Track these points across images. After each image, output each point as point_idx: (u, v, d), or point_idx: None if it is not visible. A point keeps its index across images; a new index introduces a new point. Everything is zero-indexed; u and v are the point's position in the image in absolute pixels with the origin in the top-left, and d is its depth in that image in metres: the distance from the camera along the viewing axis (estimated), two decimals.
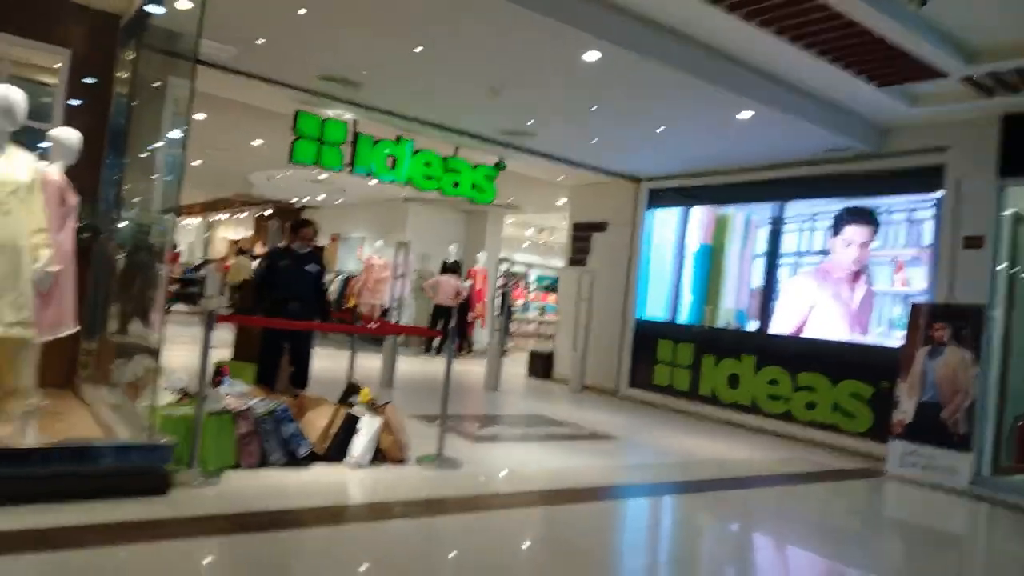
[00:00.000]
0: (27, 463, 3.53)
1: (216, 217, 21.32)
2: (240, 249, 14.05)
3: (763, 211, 8.85)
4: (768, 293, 8.67)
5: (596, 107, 7.12)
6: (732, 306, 9.15)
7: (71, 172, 4.29)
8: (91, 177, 5.33)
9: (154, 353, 4.76)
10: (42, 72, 5.80)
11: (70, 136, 4.31)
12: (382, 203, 14.99)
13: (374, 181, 8.46)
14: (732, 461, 6.66)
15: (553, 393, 9.92)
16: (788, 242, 8.56)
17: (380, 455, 4.83)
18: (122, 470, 3.73)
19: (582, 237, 11.12)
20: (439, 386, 5.24)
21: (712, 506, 5.19)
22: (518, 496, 4.80)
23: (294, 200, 17.19)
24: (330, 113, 7.73)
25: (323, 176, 11.92)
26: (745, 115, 6.82)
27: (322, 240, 6.80)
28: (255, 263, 10.09)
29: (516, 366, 11.70)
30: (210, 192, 18.27)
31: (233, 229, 21.18)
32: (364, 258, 13.73)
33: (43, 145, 4.35)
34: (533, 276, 20.78)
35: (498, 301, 12.90)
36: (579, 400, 9.45)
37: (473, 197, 8.68)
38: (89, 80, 5.66)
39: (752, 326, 8.81)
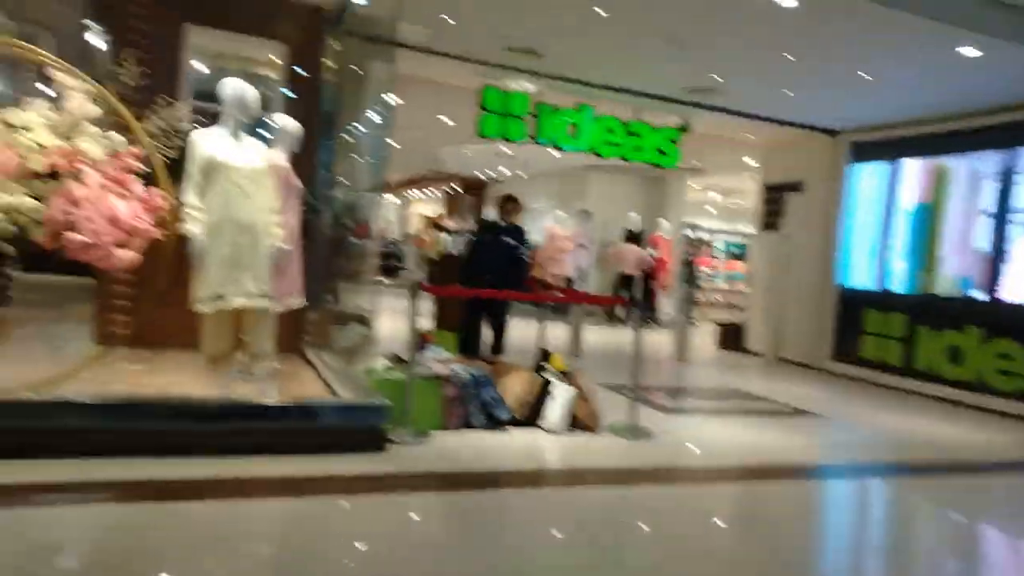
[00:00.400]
0: (266, 418, 3.98)
1: (410, 193, 22.64)
2: (434, 224, 14.79)
3: (993, 161, 7.77)
4: (999, 256, 7.64)
5: (793, 56, 6.60)
6: (953, 271, 8.18)
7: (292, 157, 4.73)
8: (306, 161, 5.84)
9: (367, 321, 5.19)
10: (262, 65, 6.41)
11: (292, 125, 4.75)
12: (563, 173, 15.04)
13: (557, 151, 8.49)
14: (956, 444, 6.01)
15: (746, 366, 9.51)
16: None
17: (573, 422, 4.91)
18: (344, 427, 4.10)
19: (775, 199, 10.46)
20: (625, 356, 5.21)
21: (933, 492, 4.71)
22: (714, 471, 4.67)
23: (482, 174, 17.78)
24: (513, 85, 7.85)
25: (507, 149, 12.17)
26: (971, 52, 5.99)
27: (521, 214, 7.07)
28: (448, 237, 10.65)
29: (704, 337, 11.35)
30: (403, 170, 19.38)
31: (427, 205, 22.37)
32: (546, 228, 13.93)
33: (263, 133, 4.83)
34: (719, 242, 19.92)
35: (683, 269, 12.55)
36: (775, 373, 8.98)
37: (656, 162, 8.47)
38: (301, 71, 6.16)
39: (979, 293, 7.83)
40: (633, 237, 13.25)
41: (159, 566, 2.67)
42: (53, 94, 3.86)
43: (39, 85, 4.17)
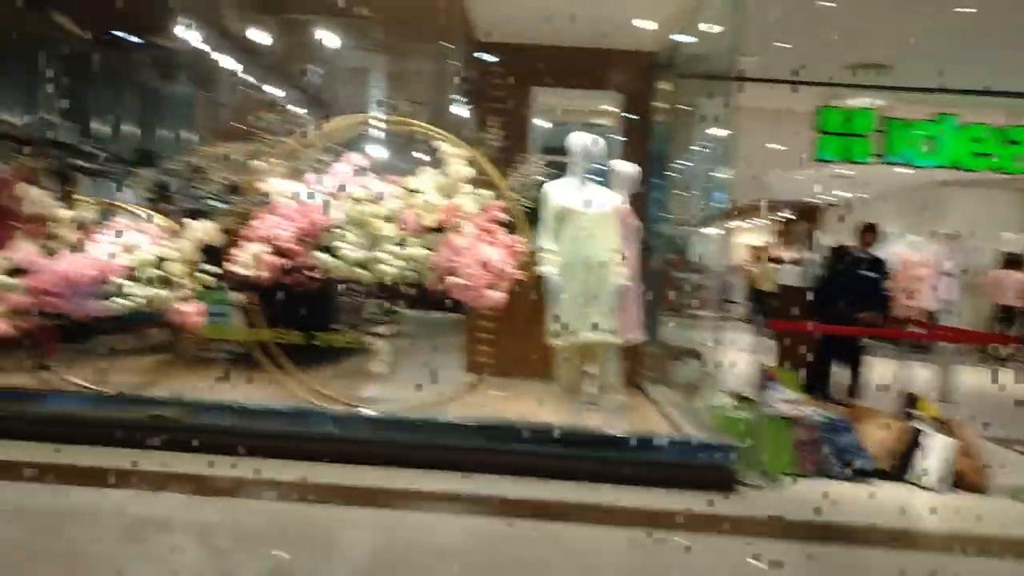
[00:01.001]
0: (613, 448, 4.11)
1: (737, 224, 21.98)
2: (764, 254, 14.19)
3: None
4: None
5: None
6: None
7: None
8: (638, 199, 6.03)
9: (703, 357, 5.14)
10: (598, 115, 6.78)
11: (630, 168, 4.98)
12: (914, 191, 13.43)
13: (908, 168, 7.67)
14: None
15: None
16: None
17: (955, 479, 4.24)
18: (689, 464, 4.06)
19: None
20: (1012, 404, 4.38)
21: None
22: None
23: (816, 199, 16.67)
24: (855, 103, 7.27)
25: (845, 171, 11.23)
26: None
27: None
28: (781, 267, 10.11)
29: None
30: (730, 200, 18.99)
31: (754, 235, 21.54)
32: (898, 255, 12.45)
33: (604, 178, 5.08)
34: None
35: None
36: None
37: None
38: (634, 115, 6.39)
39: None
40: (1014, 261, 11.20)
41: None
42: (433, 159, 4.56)
43: (422, 154, 4.97)
